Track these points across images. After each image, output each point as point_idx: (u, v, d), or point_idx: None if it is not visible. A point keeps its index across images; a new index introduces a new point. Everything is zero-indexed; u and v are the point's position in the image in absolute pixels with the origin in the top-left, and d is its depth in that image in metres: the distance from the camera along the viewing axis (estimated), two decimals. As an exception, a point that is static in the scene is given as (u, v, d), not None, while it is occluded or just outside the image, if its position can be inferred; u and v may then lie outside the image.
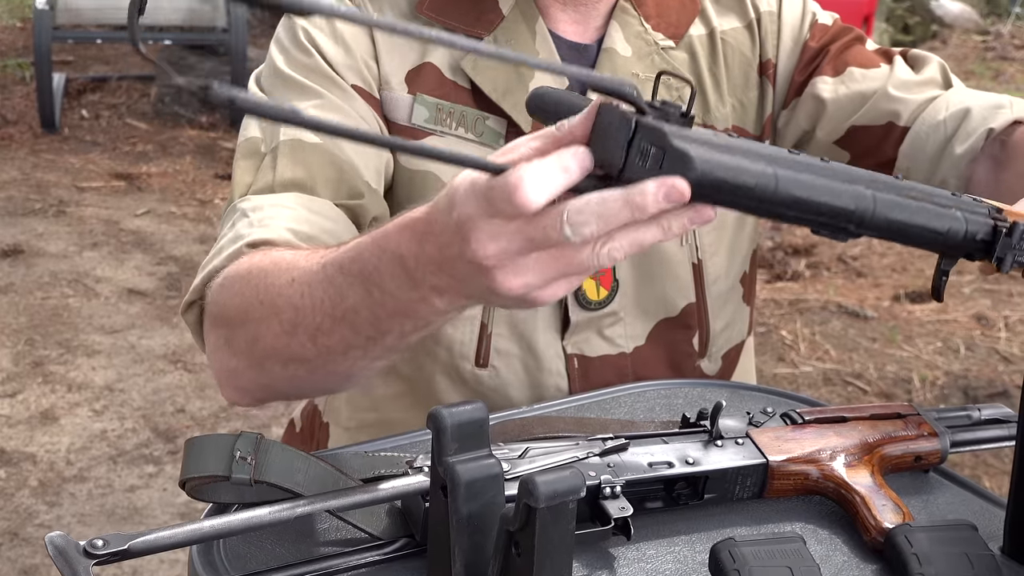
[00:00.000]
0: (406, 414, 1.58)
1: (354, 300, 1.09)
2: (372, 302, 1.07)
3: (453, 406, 0.97)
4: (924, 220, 1.03)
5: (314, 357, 1.17)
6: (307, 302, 1.14)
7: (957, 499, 1.29)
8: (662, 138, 0.90)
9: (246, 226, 1.34)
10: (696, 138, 0.91)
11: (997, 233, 1.07)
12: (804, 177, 0.95)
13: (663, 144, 0.90)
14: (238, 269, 1.27)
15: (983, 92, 1.54)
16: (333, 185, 1.41)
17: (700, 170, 0.90)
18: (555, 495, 0.88)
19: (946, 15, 9.77)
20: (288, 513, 1.03)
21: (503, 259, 0.93)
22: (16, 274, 4.84)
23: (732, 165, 0.92)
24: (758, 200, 0.94)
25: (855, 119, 1.56)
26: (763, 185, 0.93)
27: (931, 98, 1.54)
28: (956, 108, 1.50)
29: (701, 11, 1.60)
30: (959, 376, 4.24)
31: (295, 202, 1.37)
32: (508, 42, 1.50)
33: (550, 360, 1.54)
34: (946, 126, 1.50)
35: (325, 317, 1.12)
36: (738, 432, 1.23)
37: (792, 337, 4.51)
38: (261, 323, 1.20)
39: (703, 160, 0.90)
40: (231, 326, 1.26)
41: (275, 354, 1.20)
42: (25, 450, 3.60)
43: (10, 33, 8.59)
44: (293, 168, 1.40)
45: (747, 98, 1.61)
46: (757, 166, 0.93)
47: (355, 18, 0.82)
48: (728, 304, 1.63)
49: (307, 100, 1.44)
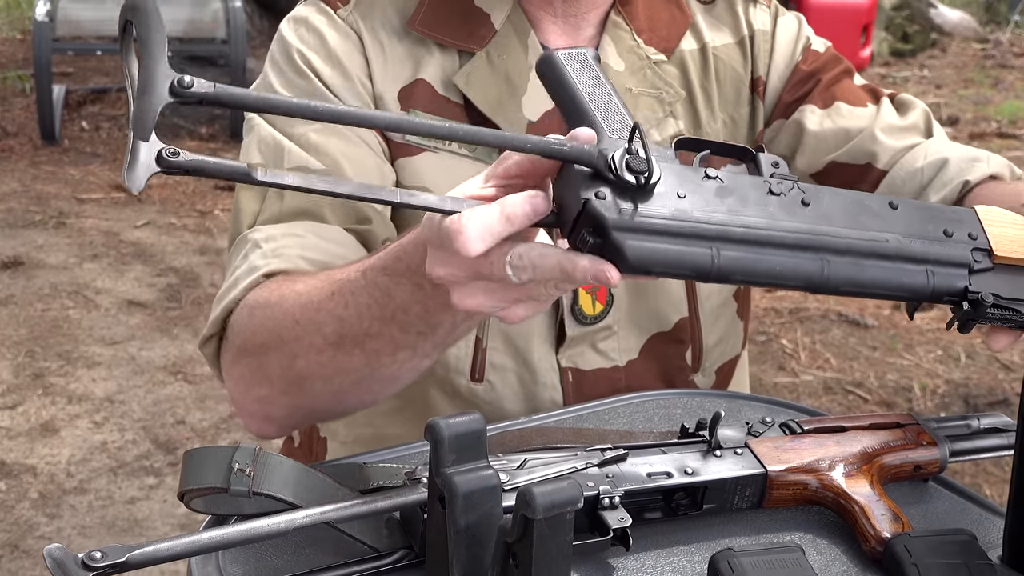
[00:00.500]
0: (402, 429, 1.58)
1: (403, 297, 1.14)
2: (423, 295, 1.13)
3: (451, 417, 0.97)
4: (883, 280, 1.06)
5: (362, 365, 1.22)
6: (351, 311, 1.19)
7: (956, 508, 1.29)
8: (602, 229, 0.96)
9: (260, 257, 1.35)
10: (639, 226, 0.97)
11: (965, 297, 1.08)
12: (747, 256, 1.01)
13: (602, 234, 0.96)
14: (264, 296, 1.30)
15: (961, 145, 1.56)
16: (341, 211, 1.42)
17: (632, 264, 0.97)
18: (552, 506, 0.88)
19: (945, 23, 9.77)
20: (287, 525, 1.03)
21: (453, 282, 1.02)
22: (16, 286, 4.84)
23: (669, 257, 0.98)
24: (697, 279, 1.03)
25: (836, 155, 1.57)
26: (701, 271, 1.00)
27: (911, 145, 1.56)
28: (934, 157, 1.52)
29: (692, 25, 1.60)
30: (960, 384, 4.23)
31: (305, 230, 1.39)
32: (500, 56, 1.51)
33: (545, 374, 1.55)
34: (923, 174, 1.51)
35: (373, 321, 1.18)
36: (737, 442, 1.23)
37: (792, 346, 4.51)
38: (299, 342, 1.24)
39: (636, 257, 0.96)
40: (262, 352, 1.28)
41: (318, 370, 1.24)
42: (25, 462, 3.60)
43: (10, 45, 8.61)
44: (300, 196, 1.40)
45: (739, 114, 1.61)
46: (696, 252, 1.00)
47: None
48: (721, 319, 1.63)
49: (308, 124, 1.45)
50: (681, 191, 1.00)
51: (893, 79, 8.60)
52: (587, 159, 0.97)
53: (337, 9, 1.52)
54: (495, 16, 1.52)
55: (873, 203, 1.08)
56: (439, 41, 1.51)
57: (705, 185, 1.01)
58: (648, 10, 1.58)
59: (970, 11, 10.52)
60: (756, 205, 1.02)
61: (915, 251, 1.06)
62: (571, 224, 0.99)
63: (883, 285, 1.05)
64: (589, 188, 0.97)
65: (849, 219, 1.05)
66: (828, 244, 1.03)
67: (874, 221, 1.06)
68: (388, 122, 0.98)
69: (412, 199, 0.98)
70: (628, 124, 1.01)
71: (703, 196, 1.00)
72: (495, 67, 1.50)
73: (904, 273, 1.06)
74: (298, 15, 1.54)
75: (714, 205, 1.00)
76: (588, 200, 0.96)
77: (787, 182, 1.05)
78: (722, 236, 0.99)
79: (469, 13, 1.52)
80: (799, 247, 1.02)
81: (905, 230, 1.07)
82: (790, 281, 1.02)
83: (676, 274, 1.00)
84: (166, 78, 0.89)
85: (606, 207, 0.96)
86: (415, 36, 1.51)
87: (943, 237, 1.09)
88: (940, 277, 1.07)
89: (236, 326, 1.33)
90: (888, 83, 8.38)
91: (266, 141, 1.46)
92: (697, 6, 1.63)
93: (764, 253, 1.01)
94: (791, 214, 1.03)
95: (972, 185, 1.47)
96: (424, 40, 1.51)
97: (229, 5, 6.56)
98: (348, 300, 1.19)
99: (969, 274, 1.09)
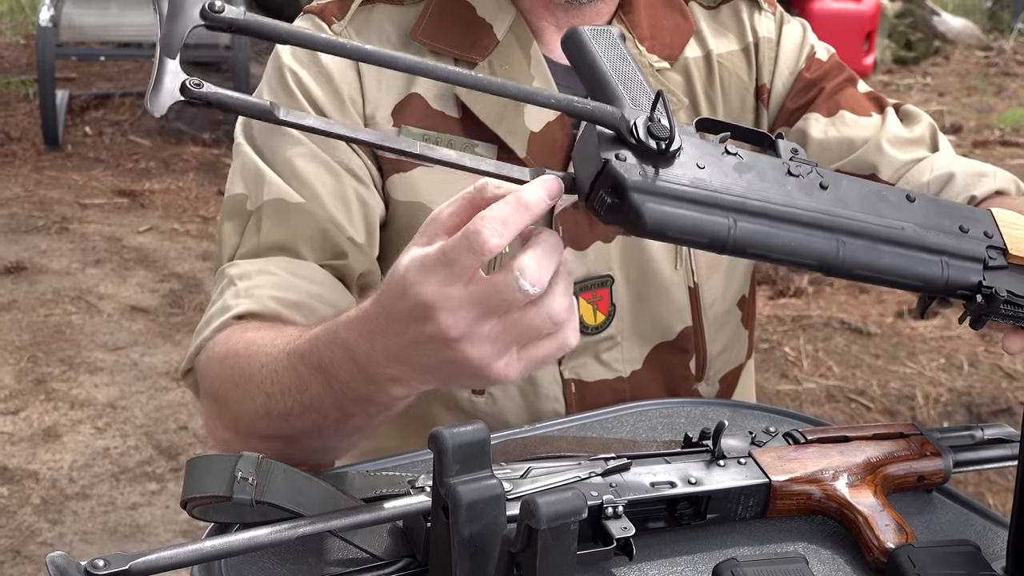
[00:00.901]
0: (404, 442, 1.58)
1: (317, 389, 1.12)
2: (332, 392, 1.10)
3: (455, 427, 0.97)
4: (898, 267, 1.05)
5: (290, 436, 1.20)
6: (276, 388, 1.17)
7: (960, 519, 1.29)
8: (621, 189, 0.95)
9: (233, 296, 1.36)
10: (658, 189, 0.96)
11: (979, 291, 1.08)
12: (763, 230, 0.99)
13: (621, 195, 0.95)
14: (218, 350, 1.31)
15: (967, 159, 1.56)
16: (317, 246, 1.42)
17: (649, 226, 0.95)
18: (557, 516, 0.88)
19: (948, 31, 9.77)
20: (290, 533, 1.03)
21: (465, 329, 0.95)
22: (19, 291, 4.84)
23: (686, 223, 0.97)
24: (712, 249, 1.00)
25: (840, 164, 1.57)
26: (717, 240, 0.98)
27: (917, 159, 1.56)
28: (940, 172, 1.52)
29: (696, 32, 1.60)
30: (962, 393, 4.23)
31: (280, 267, 1.39)
32: (503, 67, 1.50)
33: (547, 386, 1.55)
34: (929, 188, 1.51)
35: (294, 403, 1.15)
36: (740, 452, 1.23)
37: (795, 354, 4.50)
38: (239, 404, 1.24)
39: (654, 220, 0.95)
40: (217, 402, 1.29)
41: (256, 432, 1.23)
42: (27, 467, 3.60)
43: (13, 50, 8.61)
44: (277, 230, 1.42)
45: (744, 121, 1.61)
46: (713, 221, 0.98)
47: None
48: (725, 327, 1.63)
49: (293, 148, 1.45)
50: (701, 163, 0.99)
51: (896, 86, 8.60)
52: (610, 120, 0.97)
53: (332, 24, 1.52)
54: (497, 26, 1.52)
55: (890, 194, 1.07)
56: (440, 51, 1.51)
57: (725, 160, 1.01)
58: (651, 18, 1.57)
59: (973, 19, 10.52)
60: (774, 183, 1.02)
61: (931, 242, 1.06)
62: (589, 186, 0.98)
63: (898, 272, 1.05)
64: (610, 150, 0.96)
65: (867, 205, 1.05)
66: (845, 226, 1.02)
67: (891, 210, 1.06)
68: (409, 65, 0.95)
69: (431, 152, 0.97)
70: (651, 97, 1.01)
71: (722, 169, 1.00)
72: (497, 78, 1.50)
73: (919, 262, 1.05)
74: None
75: (733, 178, 1.00)
76: (608, 160, 0.95)
77: (806, 166, 1.05)
78: (740, 208, 0.99)
79: (471, 23, 1.52)
80: (816, 226, 1.01)
81: (922, 221, 1.07)
82: (805, 259, 1.01)
83: (692, 241, 0.98)
84: (197, 2, 0.90)
85: (626, 168, 0.95)
86: (413, 50, 1.51)
87: (959, 232, 1.08)
88: (955, 270, 1.06)
89: (200, 369, 1.35)
90: (891, 90, 8.38)
91: (248, 169, 1.47)
92: (701, 13, 1.62)
93: (781, 228, 1.00)
94: (809, 195, 1.02)
95: (978, 200, 1.47)
96: (421, 53, 1.51)
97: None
98: (273, 377, 1.17)
99: (984, 269, 1.08)
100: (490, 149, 1.50)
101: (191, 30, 0.90)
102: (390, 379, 1.04)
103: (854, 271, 1.03)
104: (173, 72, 0.90)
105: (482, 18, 1.52)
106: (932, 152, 1.58)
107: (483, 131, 1.49)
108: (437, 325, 0.95)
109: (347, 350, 1.05)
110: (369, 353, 1.03)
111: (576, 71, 1.09)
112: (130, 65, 7.92)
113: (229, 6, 0.90)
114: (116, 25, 6.55)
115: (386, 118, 1.50)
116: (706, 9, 1.63)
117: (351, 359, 1.05)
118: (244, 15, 0.90)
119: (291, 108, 1.47)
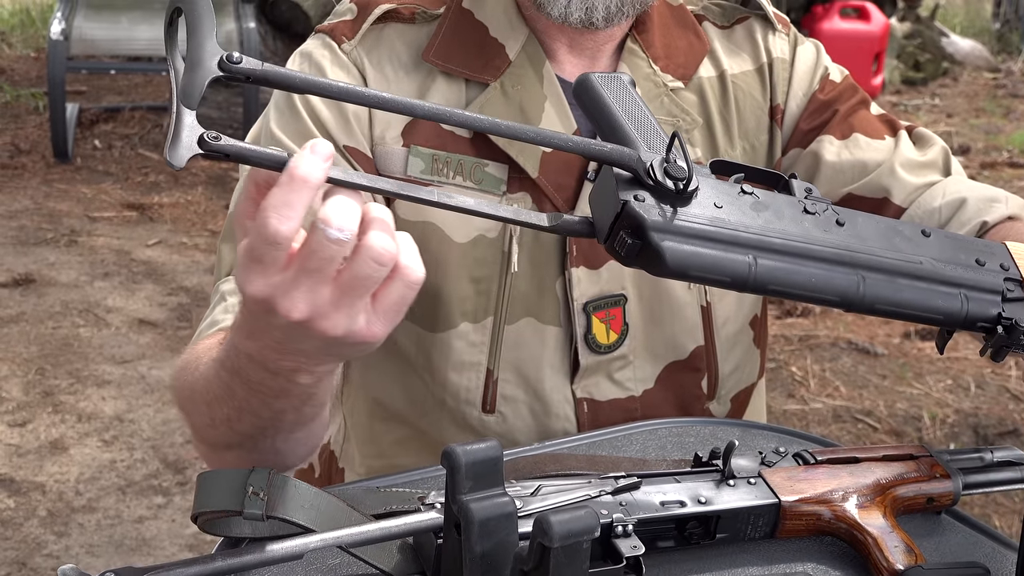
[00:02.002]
0: (414, 459, 1.58)
1: (241, 392, 1.12)
2: (253, 392, 1.10)
3: (467, 444, 0.97)
4: (918, 301, 1.05)
5: (241, 443, 1.20)
6: (211, 396, 1.17)
7: (969, 541, 1.29)
8: (640, 230, 0.97)
9: (222, 311, 1.38)
10: (678, 229, 0.97)
11: (999, 322, 1.08)
12: (784, 266, 1.00)
13: (641, 235, 0.97)
14: (178, 364, 1.31)
15: (980, 184, 1.56)
16: None
17: (670, 266, 0.97)
18: (570, 535, 0.88)
19: (957, 52, 9.78)
20: (300, 548, 1.03)
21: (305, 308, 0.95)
22: (27, 303, 4.84)
23: (707, 261, 0.98)
24: (734, 287, 1.00)
25: (853, 187, 1.57)
26: (738, 278, 0.99)
27: (930, 183, 1.55)
28: (952, 197, 1.52)
29: (710, 52, 1.60)
30: (969, 414, 4.22)
31: None
32: (515, 87, 1.51)
33: (558, 405, 1.55)
34: (941, 213, 1.51)
35: (230, 409, 1.16)
36: (750, 472, 1.23)
37: (802, 373, 4.50)
38: (192, 416, 1.25)
39: (675, 259, 0.96)
40: (183, 415, 1.30)
41: (211, 441, 1.24)
42: (34, 480, 3.60)
43: (24, 63, 8.63)
44: None
45: (758, 141, 1.61)
46: (734, 259, 0.99)
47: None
48: (737, 347, 1.63)
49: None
50: (719, 202, 1.00)
51: (904, 107, 8.60)
52: (627, 162, 0.98)
53: (341, 44, 1.52)
54: (510, 47, 1.52)
55: (905, 229, 1.08)
56: (452, 72, 1.51)
57: (742, 199, 1.02)
58: (665, 37, 1.58)
59: (982, 41, 10.53)
60: (792, 221, 1.03)
61: (949, 275, 1.07)
62: (608, 228, 0.99)
63: (918, 306, 1.05)
64: (628, 191, 0.97)
65: (884, 240, 1.06)
66: (864, 261, 1.03)
67: (908, 245, 1.07)
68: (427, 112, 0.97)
69: (449, 200, 0.98)
70: (665, 141, 1.02)
71: (740, 208, 1.01)
72: (509, 98, 1.50)
73: (939, 296, 1.06)
74: (304, 49, 1.56)
75: (751, 217, 1.01)
76: (627, 201, 0.97)
77: (821, 203, 1.05)
78: (760, 245, 1.00)
79: (484, 44, 1.52)
80: (836, 261, 1.02)
81: (938, 255, 1.07)
82: (826, 295, 1.02)
83: (713, 280, 0.99)
84: (215, 54, 0.91)
85: (645, 208, 0.97)
86: (424, 70, 1.52)
87: (975, 265, 1.09)
88: (974, 302, 1.07)
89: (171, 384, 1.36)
90: (899, 111, 8.38)
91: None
92: (715, 32, 1.62)
93: (801, 264, 1.01)
94: (827, 231, 1.03)
95: (990, 226, 1.47)
96: (431, 74, 1.51)
97: (243, 26, 6.59)
98: (208, 387, 1.18)
99: (1002, 301, 1.09)
100: (500, 168, 1.50)
101: (209, 81, 0.91)
102: (290, 370, 1.05)
103: (875, 306, 1.04)
104: (190, 125, 0.91)
105: (495, 38, 1.53)
106: (945, 176, 1.57)
107: (494, 150, 1.50)
108: (280, 314, 0.95)
109: (245, 353, 1.06)
110: (259, 351, 1.04)
111: (588, 118, 1.10)
112: (140, 79, 7.94)
113: (247, 57, 0.92)
114: (127, 39, 6.57)
115: (395, 138, 1.50)
116: (720, 29, 1.63)
117: (250, 359, 1.06)
118: (262, 66, 0.92)
119: (297, 127, 1.48)
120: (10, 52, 8.90)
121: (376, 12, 1.53)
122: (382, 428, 1.64)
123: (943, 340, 1.15)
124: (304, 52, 1.55)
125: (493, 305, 1.52)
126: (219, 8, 6.77)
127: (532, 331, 1.53)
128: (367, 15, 1.53)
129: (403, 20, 1.54)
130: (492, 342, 1.53)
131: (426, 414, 1.58)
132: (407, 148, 1.50)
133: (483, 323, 1.53)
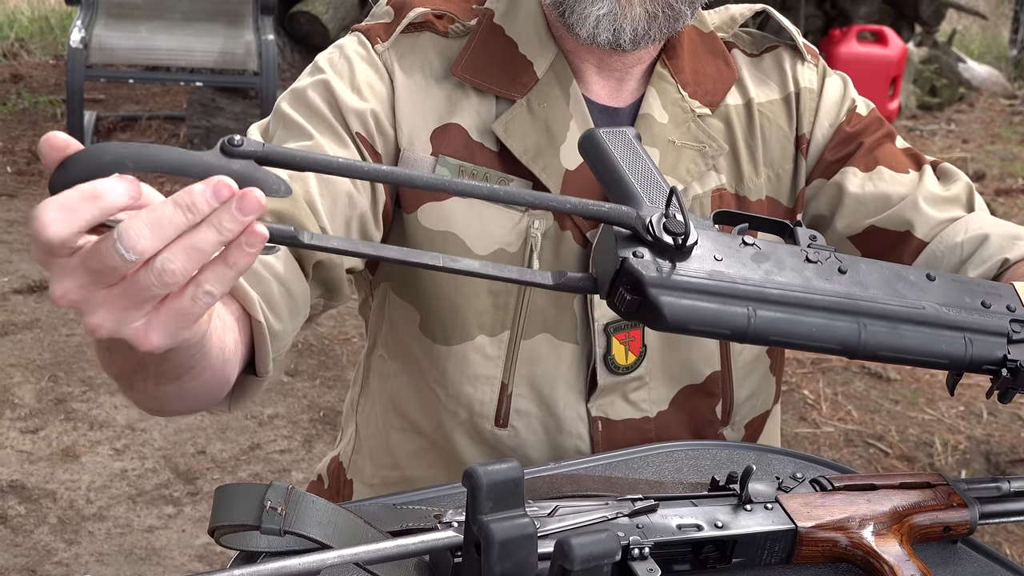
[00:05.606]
0: (428, 471, 1.58)
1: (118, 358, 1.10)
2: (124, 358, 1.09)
3: (488, 464, 0.97)
4: (920, 346, 1.07)
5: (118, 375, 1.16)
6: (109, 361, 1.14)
7: (984, 571, 1.29)
8: (639, 285, 0.99)
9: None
10: (676, 284, 0.99)
11: (1004, 365, 1.09)
12: (783, 317, 1.02)
13: (639, 291, 0.99)
14: None
15: (1003, 221, 1.56)
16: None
17: (669, 320, 0.99)
18: (590, 558, 0.88)
19: (973, 78, 9.78)
20: (317, 565, 1.03)
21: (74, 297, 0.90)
22: (41, 310, 4.86)
23: (706, 315, 1.00)
24: (734, 339, 1.03)
25: (876, 220, 1.57)
26: (737, 330, 1.01)
27: (953, 218, 1.55)
28: (975, 233, 1.52)
29: (739, 81, 1.61)
30: (981, 441, 4.21)
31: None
32: (541, 105, 1.51)
33: (571, 422, 1.55)
34: (963, 249, 1.51)
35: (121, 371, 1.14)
36: (767, 497, 1.23)
37: (814, 397, 4.49)
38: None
39: (674, 313, 0.99)
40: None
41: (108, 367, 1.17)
42: (45, 487, 3.61)
43: (43, 70, 8.67)
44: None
45: (783, 170, 1.61)
46: (733, 311, 1.01)
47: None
48: (753, 374, 1.63)
49: (296, 140, 1.46)
50: (718, 255, 1.02)
51: (920, 132, 8.59)
52: (626, 220, 1.00)
53: (375, 44, 1.53)
54: (538, 64, 1.53)
55: (910, 274, 1.09)
56: (480, 87, 1.52)
57: (742, 250, 1.03)
58: (694, 64, 1.58)
59: (999, 67, 10.53)
60: (793, 270, 1.04)
61: (952, 319, 1.07)
62: (609, 284, 1.01)
63: (920, 352, 1.06)
64: (627, 248, 0.99)
65: (886, 287, 1.07)
66: (865, 309, 1.04)
67: (911, 290, 1.07)
68: (427, 183, 0.98)
69: (454, 264, 0.98)
70: (666, 194, 1.03)
71: (740, 259, 1.02)
72: (535, 115, 1.51)
73: (942, 340, 1.07)
74: (339, 42, 1.57)
75: (751, 268, 1.02)
76: (626, 258, 0.99)
77: (824, 251, 1.06)
78: (759, 297, 1.01)
79: (512, 60, 1.53)
80: (836, 310, 1.03)
81: (943, 299, 1.08)
82: (827, 344, 1.03)
83: (713, 333, 1.01)
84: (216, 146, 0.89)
85: (644, 265, 0.99)
86: (454, 82, 1.53)
87: (981, 308, 1.10)
88: (978, 345, 1.08)
89: None
90: (915, 136, 8.38)
91: None
92: (744, 60, 1.63)
93: (801, 315, 1.02)
94: (828, 280, 1.04)
95: (1012, 263, 1.46)
96: (463, 85, 1.52)
97: (262, 38, 6.61)
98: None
99: (1008, 343, 1.09)
100: (524, 185, 1.51)
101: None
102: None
103: (877, 353, 1.05)
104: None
105: (524, 55, 1.53)
106: (968, 212, 1.57)
107: (518, 167, 1.51)
108: (53, 292, 0.90)
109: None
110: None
111: (593, 171, 1.12)
112: (158, 88, 7.96)
113: (247, 138, 0.90)
114: (146, 48, 6.59)
115: (424, 143, 1.51)
116: (749, 57, 1.64)
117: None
118: (263, 147, 0.90)
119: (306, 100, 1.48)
120: (29, 59, 8.93)
121: (409, 16, 1.54)
122: (398, 439, 1.64)
123: (952, 382, 1.16)
124: (338, 44, 1.57)
125: (510, 319, 1.52)
126: (238, 20, 6.80)
127: (548, 347, 1.53)
128: (402, 19, 1.54)
129: (438, 33, 1.55)
130: (508, 356, 1.53)
131: (440, 426, 1.59)
132: (435, 157, 1.51)
133: (500, 337, 1.53)
